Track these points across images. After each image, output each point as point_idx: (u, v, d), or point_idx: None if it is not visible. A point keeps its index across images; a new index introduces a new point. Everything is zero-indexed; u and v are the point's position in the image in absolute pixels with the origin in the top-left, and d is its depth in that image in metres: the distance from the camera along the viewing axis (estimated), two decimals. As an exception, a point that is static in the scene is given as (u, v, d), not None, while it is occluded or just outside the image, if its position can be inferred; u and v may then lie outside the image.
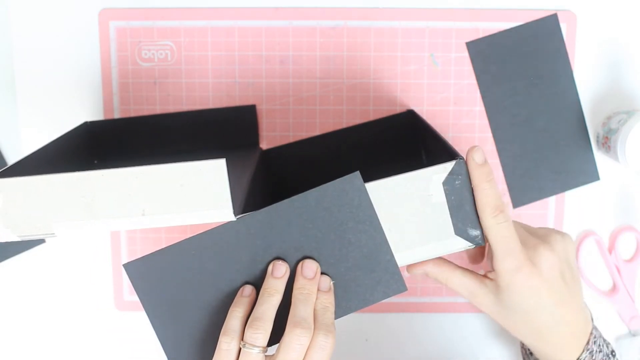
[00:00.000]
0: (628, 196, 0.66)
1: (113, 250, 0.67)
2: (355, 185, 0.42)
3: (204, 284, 0.43)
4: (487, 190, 0.43)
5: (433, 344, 0.68)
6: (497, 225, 0.43)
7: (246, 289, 0.43)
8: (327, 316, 0.42)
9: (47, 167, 0.48)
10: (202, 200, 0.40)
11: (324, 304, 0.43)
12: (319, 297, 0.43)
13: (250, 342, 0.40)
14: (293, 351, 0.40)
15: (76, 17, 0.65)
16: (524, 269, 0.44)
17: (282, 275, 0.42)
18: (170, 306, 0.43)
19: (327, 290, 0.43)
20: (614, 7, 0.64)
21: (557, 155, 0.65)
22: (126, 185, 0.39)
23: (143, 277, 0.42)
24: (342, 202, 0.42)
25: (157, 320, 0.43)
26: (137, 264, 0.42)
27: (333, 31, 0.64)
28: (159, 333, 0.43)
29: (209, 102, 0.65)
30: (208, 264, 0.42)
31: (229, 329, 0.41)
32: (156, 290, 0.43)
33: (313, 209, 0.42)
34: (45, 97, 0.65)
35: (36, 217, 0.39)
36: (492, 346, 0.68)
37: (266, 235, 0.42)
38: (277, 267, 0.42)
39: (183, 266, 0.42)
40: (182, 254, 0.42)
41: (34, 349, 0.69)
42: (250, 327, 0.40)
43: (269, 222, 0.42)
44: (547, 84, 0.64)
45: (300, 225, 0.42)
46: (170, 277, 0.42)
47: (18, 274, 0.67)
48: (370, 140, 0.64)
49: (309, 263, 0.43)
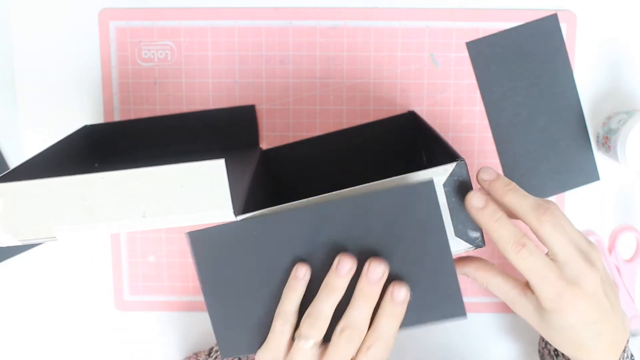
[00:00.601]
0: (628, 196, 0.66)
1: (113, 251, 0.67)
2: (428, 195, 0.40)
3: (260, 266, 0.42)
4: (499, 231, 0.41)
5: (434, 344, 0.68)
6: (523, 261, 0.42)
7: (300, 270, 0.40)
8: (392, 330, 0.40)
9: (48, 171, 0.48)
10: (203, 200, 0.40)
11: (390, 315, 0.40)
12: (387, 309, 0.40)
13: (305, 335, 0.40)
14: (341, 355, 0.39)
15: (76, 17, 0.65)
16: (565, 294, 0.42)
17: (346, 273, 0.40)
18: (225, 282, 0.42)
19: (400, 303, 0.40)
20: (614, 7, 0.64)
21: (557, 155, 0.65)
22: (126, 187, 0.39)
23: (204, 248, 0.42)
24: (410, 209, 0.40)
25: (209, 293, 0.43)
26: (200, 233, 0.41)
27: (333, 31, 0.64)
28: (210, 309, 0.43)
29: (209, 102, 0.65)
30: (268, 247, 0.41)
31: (283, 311, 0.40)
32: (214, 263, 0.42)
33: (380, 211, 0.40)
34: (45, 97, 0.65)
35: (37, 221, 0.39)
36: (494, 346, 0.68)
37: (328, 229, 0.41)
38: (342, 263, 0.40)
39: (244, 245, 0.42)
40: (244, 233, 0.41)
41: (34, 349, 0.69)
42: (305, 322, 0.40)
43: (333, 216, 0.40)
44: (547, 84, 0.64)
45: (363, 224, 0.40)
46: (230, 254, 0.42)
47: (18, 274, 0.67)
48: (370, 141, 0.64)
49: (376, 266, 0.39)
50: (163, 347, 0.68)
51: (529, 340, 0.68)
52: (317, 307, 0.40)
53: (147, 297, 0.67)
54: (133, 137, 0.64)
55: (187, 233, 0.41)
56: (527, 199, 0.43)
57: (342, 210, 0.40)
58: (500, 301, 0.67)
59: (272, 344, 0.41)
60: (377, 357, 0.40)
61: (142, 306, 0.67)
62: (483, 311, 0.67)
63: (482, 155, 0.65)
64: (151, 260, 0.67)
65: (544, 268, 0.42)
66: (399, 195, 0.40)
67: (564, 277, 0.42)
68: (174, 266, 0.67)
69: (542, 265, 0.42)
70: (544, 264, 0.42)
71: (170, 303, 0.67)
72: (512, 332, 0.68)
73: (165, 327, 0.68)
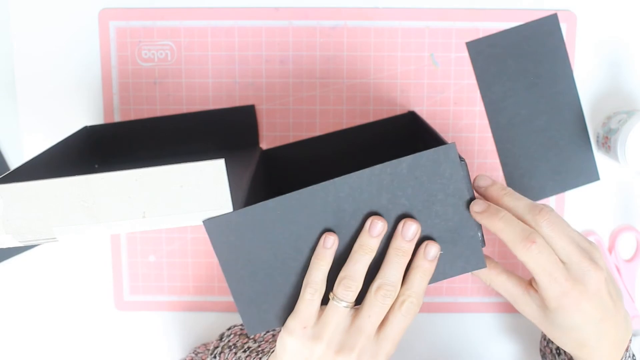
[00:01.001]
0: (628, 196, 0.66)
1: (113, 251, 0.67)
2: (450, 157, 0.41)
3: (284, 244, 0.43)
4: (505, 230, 0.42)
5: (436, 343, 0.68)
6: (533, 259, 0.42)
7: (328, 239, 0.42)
8: (423, 285, 0.42)
9: (48, 172, 0.48)
10: (203, 200, 0.40)
11: (424, 272, 0.42)
12: (420, 264, 0.42)
13: (340, 297, 0.41)
14: (375, 312, 0.41)
15: (76, 17, 0.65)
16: (571, 293, 0.42)
17: (379, 233, 0.42)
18: (247, 264, 0.43)
19: (431, 260, 0.42)
20: (614, 7, 0.64)
21: (557, 155, 0.65)
22: (126, 188, 0.39)
23: (222, 234, 0.42)
24: (434, 172, 0.42)
25: (232, 277, 0.43)
26: (216, 220, 0.42)
27: (333, 31, 0.64)
28: (233, 290, 0.43)
29: (209, 102, 0.65)
30: (292, 224, 0.42)
31: (312, 281, 0.42)
32: (234, 247, 0.42)
33: (405, 176, 0.42)
34: (45, 98, 0.65)
35: (37, 222, 0.39)
36: (495, 346, 0.68)
37: (355, 199, 0.42)
38: (375, 224, 0.42)
39: (265, 225, 0.42)
40: (266, 213, 0.42)
41: (34, 349, 0.69)
42: (340, 285, 0.41)
43: (359, 187, 0.42)
44: (547, 84, 0.64)
45: (390, 192, 0.42)
46: (251, 235, 0.42)
47: (18, 274, 0.67)
48: (371, 141, 0.64)
49: (410, 224, 0.42)
50: (163, 347, 0.68)
51: (529, 341, 0.68)
52: (351, 268, 0.41)
53: (147, 297, 0.67)
54: (133, 138, 0.64)
55: (204, 221, 0.41)
56: (522, 201, 0.44)
57: (366, 181, 0.42)
58: (501, 301, 0.67)
59: (302, 312, 0.42)
60: (410, 312, 0.42)
61: (142, 306, 0.67)
62: (483, 311, 0.67)
63: (482, 155, 0.65)
64: (151, 260, 0.67)
65: (553, 267, 0.42)
66: (423, 161, 0.41)
67: (570, 276, 0.43)
68: (174, 266, 0.67)
69: (552, 264, 0.42)
70: (553, 263, 0.42)
71: (170, 303, 0.67)
72: (513, 332, 0.68)
73: (165, 327, 0.68)
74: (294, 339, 0.42)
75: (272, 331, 0.56)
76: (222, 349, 0.56)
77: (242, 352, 0.54)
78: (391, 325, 0.42)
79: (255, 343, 0.55)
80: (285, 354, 0.43)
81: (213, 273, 0.67)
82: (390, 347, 0.42)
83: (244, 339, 0.56)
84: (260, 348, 0.53)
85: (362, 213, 0.42)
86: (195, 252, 0.66)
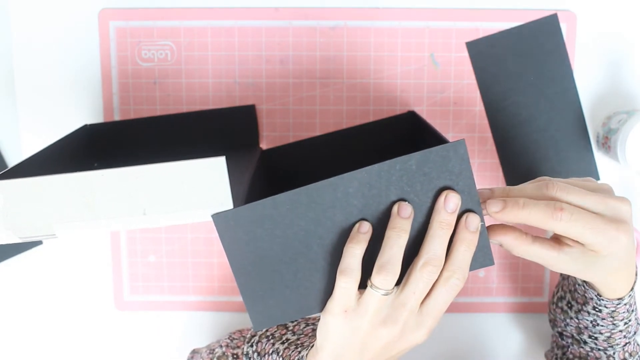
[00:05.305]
0: (628, 196, 0.66)
1: (113, 251, 0.67)
2: (459, 153, 0.41)
3: (292, 239, 0.42)
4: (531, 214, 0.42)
5: (438, 343, 0.68)
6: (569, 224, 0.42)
7: (364, 225, 0.42)
8: (467, 258, 0.41)
9: (47, 170, 0.48)
10: (203, 198, 0.40)
11: (468, 243, 0.41)
12: (464, 237, 0.41)
13: (379, 285, 0.41)
14: (420, 288, 0.41)
15: (76, 17, 0.65)
16: (618, 236, 0.43)
17: (409, 215, 0.41)
18: (255, 259, 0.43)
19: (474, 231, 0.42)
20: (614, 7, 0.64)
21: (557, 155, 0.65)
22: (126, 185, 0.39)
23: (230, 228, 0.42)
24: (443, 168, 0.42)
25: (239, 272, 0.43)
26: (225, 215, 0.41)
27: (333, 31, 0.64)
28: (240, 285, 0.43)
29: (209, 102, 0.65)
30: (300, 219, 0.42)
31: (347, 267, 0.41)
32: (242, 242, 0.42)
33: (414, 172, 0.42)
34: (45, 97, 0.66)
35: (37, 218, 0.39)
36: (495, 346, 0.68)
37: (364, 195, 0.42)
38: (404, 207, 0.41)
39: (273, 220, 0.42)
40: (275, 208, 0.42)
41: (34, 349, 0.69)
42: (380, 272, 0.40)
43: (368, 182, 0.42)
44: (547, 84, 0.64)
45: (398, 187, 0.42)
46: (259, 230, 0.42)
47: (18, 274, 0.67)
48: (371, 141, 0.64)
49: (452, 196, 0.41)
50: (163, 347, 0.68)
51: (530, 340, 0.68)
52: (388, 254, 0.41)
53: (147, 297, 0.67)
54: (133, 137, 0.64)
55: (212, 216, 0.41)
56: (526, 186, 0.44)
57: (375, 177, 0.42)
58: (502, 302, 0.67)
59: (339, 299, 0.42)
60: (455, 288, 0.41)
61: (142, 306, 0.67)
62: (484, 311, 0.67)
63: (482, 155, 0.65)
64: (151, 260, 0.66)
65: (590, 222, 0.42)
66: (432, 157, 0.42)
67: (608, 220, 0.43)
68: (174, 266, 0.66)
69: (588, 219, 0.42)
70: (588, 217, 0.43)
71: (170, 303, 0.67)
72: (514, 332, 0.68)
73: (165, 327, 0.68)
74: (336, 319, 0.42)
75: (312, 325, 0.55)
76: (260, 338, 0.56)
77: (280, 343, 0.53)
78: (435, 300, 0.42)
79: (294, 335, 0.54)
80: (328, 335, 0.43)
81: (213, 273, 0.67)
82: (433, 321, 0.42)
83: (283, 329, 0.56)
84: (300, 341, 0.53)
85: (370, 209, 0.42)
86: (195, 252, 0.66)
